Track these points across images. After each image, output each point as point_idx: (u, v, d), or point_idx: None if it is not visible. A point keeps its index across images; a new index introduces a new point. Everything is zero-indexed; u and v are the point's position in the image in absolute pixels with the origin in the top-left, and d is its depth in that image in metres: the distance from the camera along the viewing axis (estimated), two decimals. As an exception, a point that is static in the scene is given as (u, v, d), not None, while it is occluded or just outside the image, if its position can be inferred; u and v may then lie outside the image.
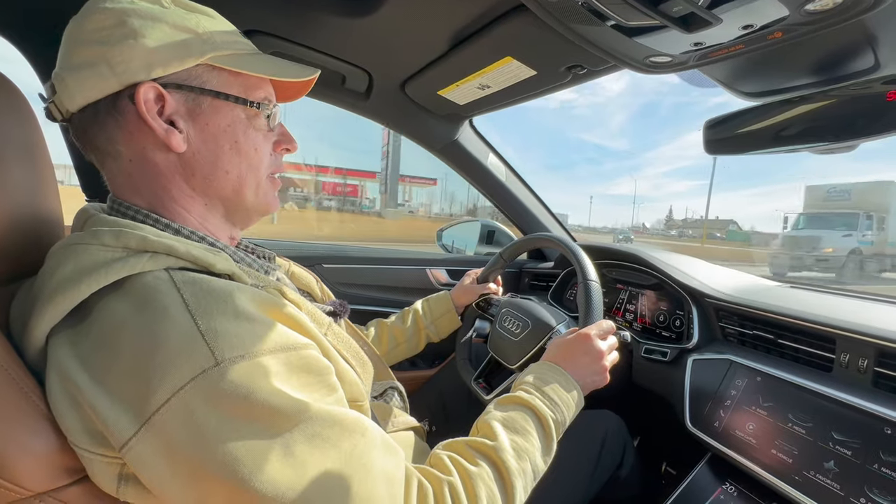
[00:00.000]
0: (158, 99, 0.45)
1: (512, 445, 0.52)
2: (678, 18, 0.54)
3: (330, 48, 0.95)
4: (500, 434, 0.53)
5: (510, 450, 0.52)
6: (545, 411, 0.58)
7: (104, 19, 0.44)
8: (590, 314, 0.78)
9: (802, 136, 0.66)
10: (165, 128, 0.45)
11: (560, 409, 0.60)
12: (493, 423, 0.55)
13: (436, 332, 1.01)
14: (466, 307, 1.04)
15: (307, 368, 0.41)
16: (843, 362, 0.71)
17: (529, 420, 0.56)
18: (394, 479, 0.42)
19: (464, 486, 0.47)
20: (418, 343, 0.99)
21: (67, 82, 0.44)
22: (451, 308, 1.02)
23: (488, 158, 1.41)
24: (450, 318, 1.02)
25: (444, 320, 1.01)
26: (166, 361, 0.35)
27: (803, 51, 0.62)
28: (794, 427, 0.70)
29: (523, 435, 0.54)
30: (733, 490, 0.75)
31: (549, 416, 0.58)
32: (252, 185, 0.52)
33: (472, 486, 0.47)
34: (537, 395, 0.60)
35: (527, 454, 0.53)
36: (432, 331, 1.00)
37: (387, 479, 0.41)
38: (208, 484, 0.36)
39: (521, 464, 0.52)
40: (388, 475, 0.42)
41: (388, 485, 0.41)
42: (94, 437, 0.38)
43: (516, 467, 0.50)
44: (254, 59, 0.50)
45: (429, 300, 1.04)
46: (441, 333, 1.01)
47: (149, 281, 0.40)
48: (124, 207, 0.48)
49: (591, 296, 0.80)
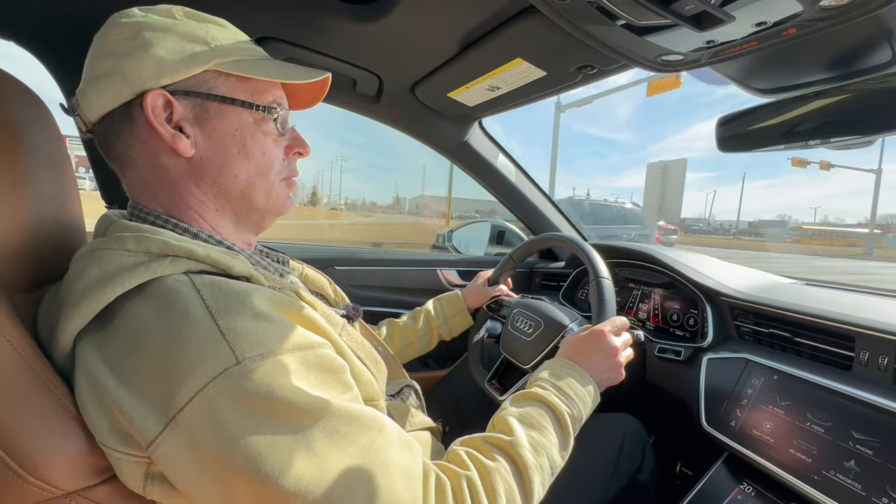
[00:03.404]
0: (167, 106, 0.46)
1: (529, 440, 0.52)
2: (690, 17, 0.53)
3: (341, 53, 0.96)
4: (516, 429, 0.53)
5: (527, 445, 0.52)
6: (561, 406, 0.58)
7: (121, 33, 0.46)
8: (603, 311, 0.77)
9: (817, 132, 0.65)
10: (172, 133, 0.47)
11: (576, 405, 0.59)
12: (509, 419, 0.55)
13: (448, 331, 1.01)
14: (478, 309, 1.04)
15: (324, 367, 0.42)
16: (862, 360, 0.70)
17: (545, 415, 0.56)
18: (412, 473, 0.42)
19: (482, 480, 0.47)
20: (430, 342, 0.99)
21: (88, 94, 0.46)
22: (463, 308, 1.02)
23: (498, 159, 1.41)
24: (462, 317, 1.02)
25: (457, 320, 1.01)
26: (189, 361, 0.36)
27: (817, 46, 0.61)
28: (813, 426, 0.69)
29: (540, 430, 0.54)
30: (751, 490, 0.74)
31: (566, 412, 0.58)
32: (262, 188, 0.53)
33: (489, 481, 0.47)
34: (553, 391, 0.60)
35: (544, 449, 0.53)
36: (444, 330, 1.00)
37: (405, 474, 0.42)
38: (232, 480, 0.37)
39: (539, 459, 0.52)
40: (407, 470, 0.42)
41: (407, 479, 0.42)
42: (121, 436, 0.39)
43: (533, 462, 0.51)
44: (261, 63, 0.51)
45: (440, 300, 1.04)
46: (453, 332, 1.01)
47: (170, 283, 0.41)
48: (143, 213, 0.49)
49: (603, 293, 0.79)
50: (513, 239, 1.69)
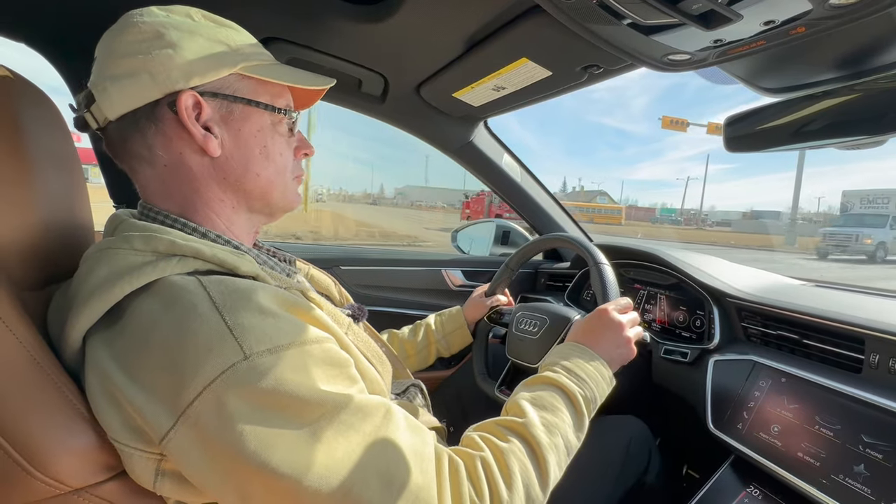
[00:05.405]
0: (196, 106, 0.47)
1: (542, 421, 0.53)
2: (698, 16, 0.53)
3: (346, 53, 0.97)
4: (528, 411, 0.53)
5: (540, 426, 0.52)
6: (573, 388, 0.58)
7: (141, 32, 0.46)
8: (606, 293, 0.77)
9: (827, 132, 0.64)
10: (203, 133, 0.48)
11: (588, 385, 0.59)
12: (521, 402, 0.55)
13: (447, 346, 1.00)
14: (478, 322, 1.03)
15: (330, 361, 0.42)
16: (872, 363, 0.69)
17: (557, 397, 0.57)
18: (424, 456, 0.43)
19: (496, 460, 0.47)
20: (428, 356, 0.99)
21: (110, 91, 0.46)
22: (463, 324, 1.01)
23: (503, 159, 1.41)
24: (461, 333, 1.01)
25: (456, 336, 1.00)
26: (197, 356, 0.37)
27: (827, 45, 0.61)
28: (822, 429, 0.68)
29: (552, 411, 0.55)
30: (758, 493, 0.73)
31: (578, 393, 0.58)
32: (279, 187, 0.55)
33: (504, 461, 0.47)
34: (563, 373, 0.60)
35: (557, 429, 0.53)
36: (443, 345, 0.99)
37: (417, 457, 0.42)
38: (245, 473, 0.37)
39: (553, 439, 0.52)
40: (418, 453, 0.43)
41: (419, 462, 0.42)
42: (133, 432, 0.39)
43: (548, 442, 0.51)
44: (277, 68, 0.52)
45: (442, 315, 1.03)
46: (452, 349, 1.00)
47: (177, 281, 0.41)
48: (153, 212, 0.50)
49: (604, 276, 0.79)
50: (518, 239, 1.69)
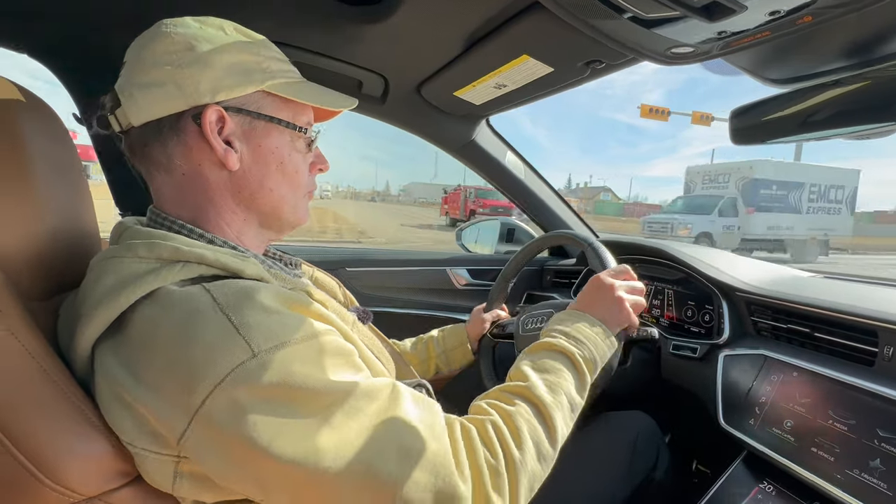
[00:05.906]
0: (220, 121, 0.48)
1: (545, 383, 0.54)
2: (700, 7, 0.52)
3: (345, 55, 0.96)
4: (531, 375, 0.55)
5: (543, 387, 0.54)
6: (571, 349, 0.59)
7: (173, 43, 0.46)
8: (601, 264, 0.78)
9: (834, 122, 0.63)
10: (224, 148, 0.48)
11: (586, 346, 0.61)
12: (523, 368, 0.57)
13: (446, 362, 0.97)
14: (481, 339, 1.01)
15: (335, 351, 0.43)
16: (886, 356, 0.68)
17: (558, 359, 0.58)
18: (435, 424, 0.44)
19: (505, 423, 0.49)
20: (426, 371, 0.96)
21: (137, 98, 0.46)
22: (465, 341, 0.98)
23: (506, 157, 1.40)
24: (463, 351, 0.98)
25: (457, 353, 0.98)
26: (206, 356, 0.38)
27: (834, 34, 0.59)
28: (836, 424, 0.67)
29: (554, 373, 0.56)
30: (771, 489, 0.73)
31: (577, 353, 0.59)
32: (291, 203, 0.55)
33: (513, 423, 0.49)
34: (561, 337, 0.61)
35: (560, 388, 0.55)
36: (443, 361, 0.97)
37: (429, 427, 0.43)
38: (262, 466, 0.38)
39: (557, 397, 0.53)
40: (429, 423, 0.44)
41: (432, 431, 0.43)
42: (149, 436, 0.40)
43: (551, 400, 0.52)
44: (302, 87, 0.53)
45: (444, 329, 1.01)
46: (452, 365, 0.98)
47: (179, 288, 0.42)
48: (162, 218, 0.50)
49: (596, 250, 0.80)
50: (523, 237, 1.68)
